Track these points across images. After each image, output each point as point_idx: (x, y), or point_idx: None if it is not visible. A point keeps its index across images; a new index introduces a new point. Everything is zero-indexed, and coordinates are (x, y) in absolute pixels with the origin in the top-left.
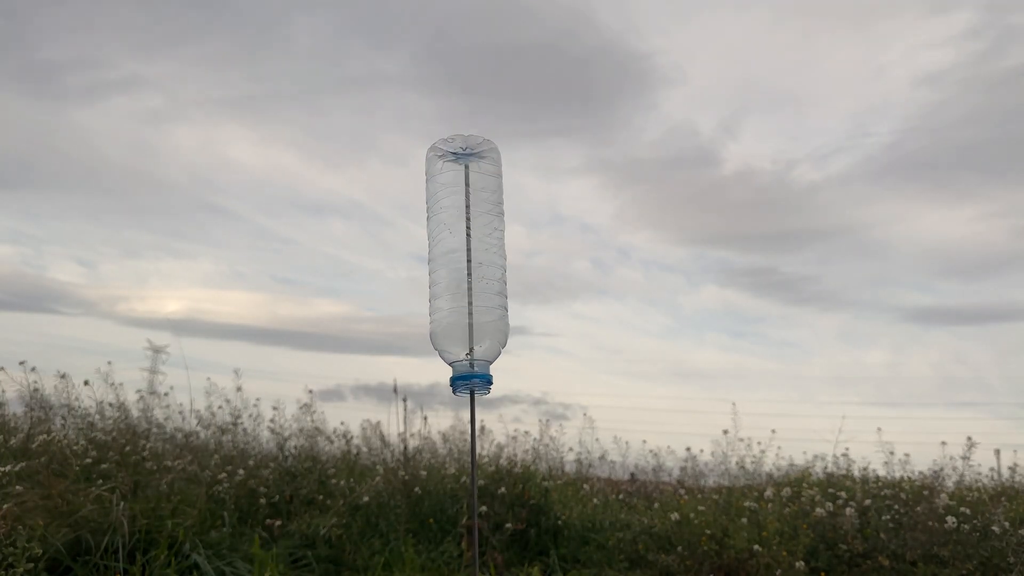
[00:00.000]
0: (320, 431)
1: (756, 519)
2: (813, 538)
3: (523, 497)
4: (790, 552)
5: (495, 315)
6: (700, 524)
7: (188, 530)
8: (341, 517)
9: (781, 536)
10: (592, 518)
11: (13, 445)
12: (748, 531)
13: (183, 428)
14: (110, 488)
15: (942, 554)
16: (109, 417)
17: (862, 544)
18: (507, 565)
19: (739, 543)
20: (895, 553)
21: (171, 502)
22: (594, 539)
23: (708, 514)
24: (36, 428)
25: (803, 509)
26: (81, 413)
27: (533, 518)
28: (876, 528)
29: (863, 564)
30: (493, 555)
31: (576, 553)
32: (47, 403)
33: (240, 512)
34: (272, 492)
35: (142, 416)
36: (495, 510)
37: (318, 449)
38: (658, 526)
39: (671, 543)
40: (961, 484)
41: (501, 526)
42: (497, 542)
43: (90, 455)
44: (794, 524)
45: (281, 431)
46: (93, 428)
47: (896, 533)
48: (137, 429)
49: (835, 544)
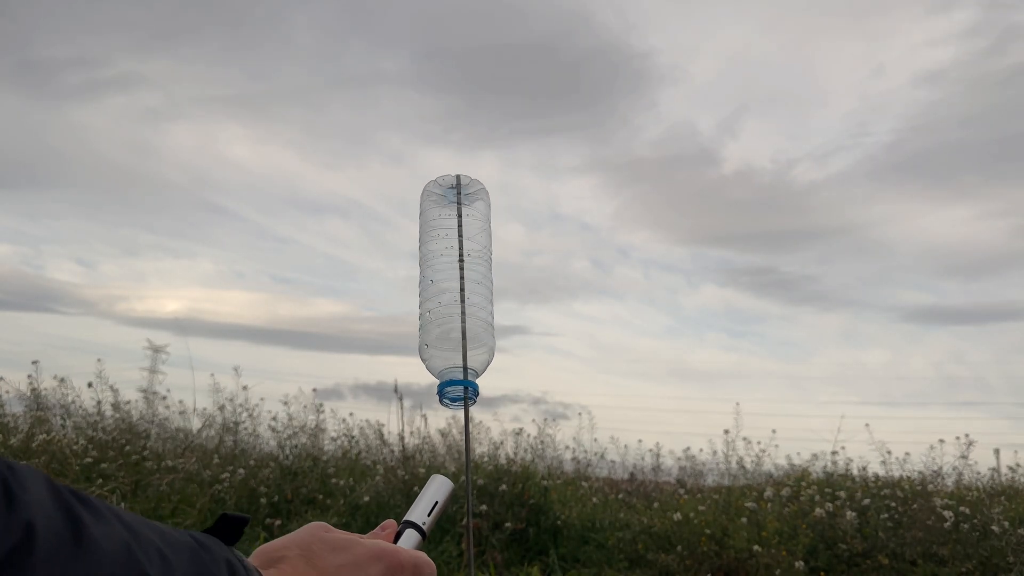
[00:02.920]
0: (321, 430)
1: (756, 519)
2: (813, 537)
3: (522, 496)
4: (790, 552)
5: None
6: (700, 524)
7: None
8: (341, 516)
9: (781, 536)
10: (592, 517)
11: (13, 444)
12: (748, 531)
13: (184, 428)
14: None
15: (941, 553)
16: (109, 417)
17: (861, 543)
18: (506, 564)
19: (739, 543)
20: (894, 552)
21: (171, 502)
22: (594, 539)
23: (708, 514)
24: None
25: (802, 509)
26: (81, 413)
27: (532, 517)
28: (875, 527)
29: (863, 563)
30: (492, 554)
31: (576, 552)
32: (46, 403)
33: (241, 512)
34: (272, 492)
35: (142, 416)
36: (494, 509)
37: (319, 448)
38: (658, 526)
39: (671, 543)
40: (960, 483)
41: (500, 525)
42: (496, 541)
43: (90, 455)
44: (794, 524)
45: (282, 431)
46: (94, 428)
47: (895, 532)
48: (137, 429)
49: (834, 543)
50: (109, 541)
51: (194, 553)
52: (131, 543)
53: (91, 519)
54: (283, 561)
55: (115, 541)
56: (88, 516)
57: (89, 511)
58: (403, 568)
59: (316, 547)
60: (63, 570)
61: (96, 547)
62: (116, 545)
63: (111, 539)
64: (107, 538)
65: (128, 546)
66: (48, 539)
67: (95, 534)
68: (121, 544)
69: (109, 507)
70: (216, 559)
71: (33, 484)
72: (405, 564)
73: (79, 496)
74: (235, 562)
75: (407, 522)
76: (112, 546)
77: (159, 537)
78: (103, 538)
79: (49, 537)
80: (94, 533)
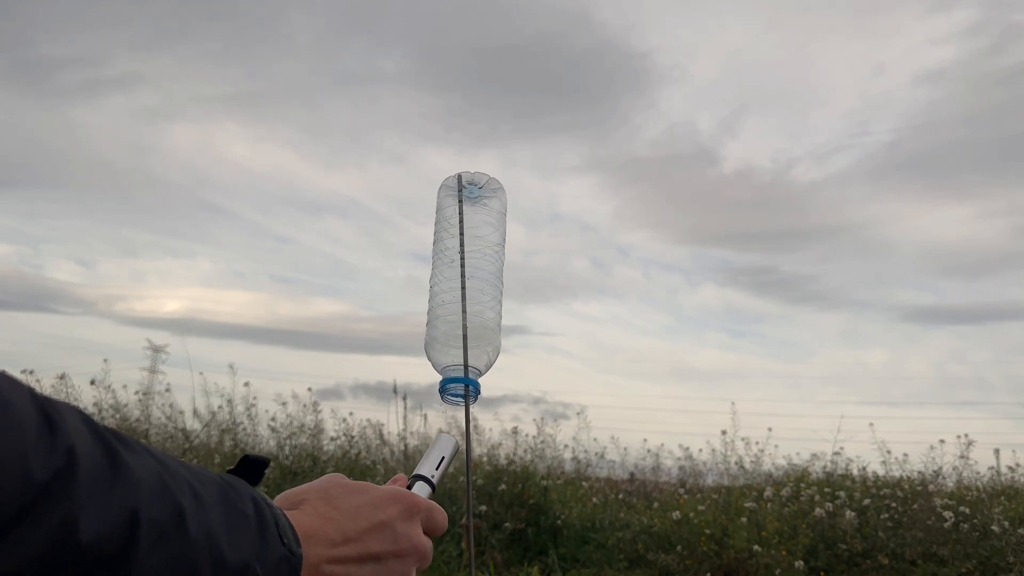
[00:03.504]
0: (321, 430)
1: (755, 519)
2: (812, 537)
3: (522, 496)
4: (790, 552)
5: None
6: (700, 524)
7: None
8: None
9: (781, 536)
10: (591, 517)
11: None
12: (748, 531)
13: (183, 427)
14: None
15: (941, 553)
16: (110, 417)
17: (861, 543)
18: (506, 564)
19: (739, 543)
20: (894, 552)
21: None
22: (593, 538)
23: (707, 514)
24: None
25: (802, 509)
26: None
27: (532, 517)
28: (875, 527)
29: (862, 563)
30: (492, 554)
31: (575, 552)
32: None
33: None
34: (272, 492)
35: (142, 416)
36: (494, 509)
37: (319, 448)
38: (657, 526)
39: (671, 543)
40: (960, 483)
41: (500, 525)
42: (496, 541)
43: None
44: (793, 524)
45: (281, 430)
46: None
47: (895, 532)
48: (137, 428)
49: (834, 543)
50: (143, 471)
51: (221, 488)
52: (163, 474)
53: (125, 450)
54: (304, 503)
55: (149, 470)
56: (122, 448)
57: (122, 444)
58: (419, 509)
59: (335, 491)
60: (103, 494)
61: (132, 475)
62: (150, 474)
63: (145, 469)
64: (141, 468)
65: (161, 476)
66: (89, 464)
67: (130, 463)
68: (155, 473)
69: (140, 443)
70: (242, 495)
71: (70, 415)
72: (421, 505)
73: (112, 431)
74: (259, 499)
75: (417, 475)
76: (146, 474)
77: (188, 472)
78: (138, 467)
79: (89, 463)
80: (129, 462)
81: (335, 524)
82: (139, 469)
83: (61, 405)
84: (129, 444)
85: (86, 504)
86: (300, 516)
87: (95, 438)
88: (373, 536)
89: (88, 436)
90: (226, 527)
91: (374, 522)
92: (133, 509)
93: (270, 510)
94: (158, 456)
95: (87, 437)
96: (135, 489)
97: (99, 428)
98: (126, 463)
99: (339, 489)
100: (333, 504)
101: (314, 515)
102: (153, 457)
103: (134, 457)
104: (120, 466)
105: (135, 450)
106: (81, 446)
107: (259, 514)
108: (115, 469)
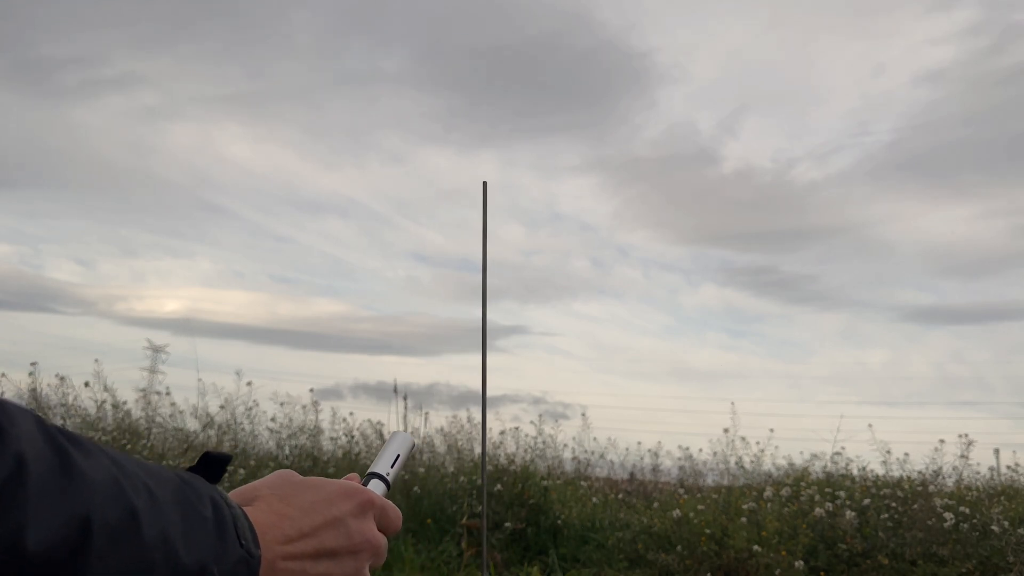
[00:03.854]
0: (321, 430)
1: (755, 519)
2: (812, 537)
3: (522, 496)
4: (789, 552)
5: None
6: (699, 524)
7: None
8: None
9: (780, 536)
10: (591, 517)
11: None
12: (747, 531)
13: (184, 427)
14: None
15: (941, 553)
16: (110, 417)
17: (861, 543)
18: (506, 564)
19: (739, 543)
20: (894, 552)
21: None
22: (593, 538)
23: (707, 514)
24: None
25: (802, 509)
26: (81, 413)
27: (532, 517)
28: (875, 527)
29: (862, 563)
30: (492, 554)
31: (575, 552)
32: (47, 402)
33: None
34: None
35: (143, 415)
36: (493, 509)
37: (319, 448)
38: (657, 526)
39: (671, 543)
40: (960, 483)
41: (500, 525)
42: (496, 541)
43: None
44: (793, 524)
45: (281, 430)
46: (94, 428)
47: (895, 532)
48: (138, 428)
49: (834, 543)
50: (97, 473)
51: (179, 488)
52: (118, 476)
53: (78, 453)
54: (258, 499)
55: (102, 473)
56: (75, 450)
57: (76, 446)
58: (372, 505)
59: (288, 487)
60: (53, 500)
61: (84, 478)
62: (104, 476)
63: (99, 471)
64: (95, 470)
65: (115, 478)
66: (38, 471)
67: (83, 466)
68: (109, 475)
69: (95, 443)
70: (200, 495)
71: (21, 419)
72: (375, 502)
73: (65, 433)
74: (218, 498)
75: (372, 473)
76: (100, 476)
77: (145, 472)
78: (91, 470)
79: (39, 469)
80: (82, 465)
81: (289, 520)
82: (92, 471)
83: (12, 408)
84: (83, 446)
85: (34, 511)
86: (254, 512)
87: (47, 442)
88: (327, 531)
89: (39, 440)
90: (182, 528)
91: (328, 517)
92: (84, 514)
93: (229, 510)
94: (114, 457)
95: (38, 441)
96: (88, 493)
97: (52, 431)
98: (79, 466)
99: (292, 485)
100: (287, 500)
101: (268, 511)
102: (108, 458)
103: (88, 459)
104: (72, 470)
105: (89, 452)
106: (31, 451)
107: (217, 514)
108: (67, 473)
